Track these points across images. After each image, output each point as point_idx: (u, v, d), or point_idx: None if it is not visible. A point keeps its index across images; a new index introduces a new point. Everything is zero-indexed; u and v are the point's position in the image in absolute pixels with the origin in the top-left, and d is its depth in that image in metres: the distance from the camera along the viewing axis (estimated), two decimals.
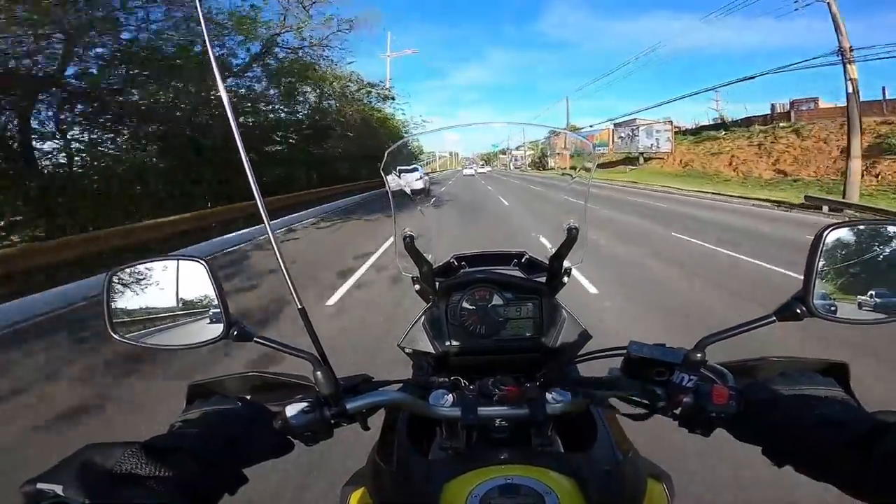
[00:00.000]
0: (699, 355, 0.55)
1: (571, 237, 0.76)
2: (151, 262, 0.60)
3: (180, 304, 0.58)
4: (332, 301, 4.85)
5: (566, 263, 0.83)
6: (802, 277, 0.53)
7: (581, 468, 0.56)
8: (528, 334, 0.85)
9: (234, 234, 9.98)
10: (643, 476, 0.65)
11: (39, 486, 0.36)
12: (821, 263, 0.52)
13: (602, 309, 4.29)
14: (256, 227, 9.39)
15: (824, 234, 0.52)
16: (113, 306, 0.58)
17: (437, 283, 0.85)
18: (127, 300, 0.59)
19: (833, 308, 0.53)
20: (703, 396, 0.53)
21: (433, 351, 0.84)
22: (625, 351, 0.60)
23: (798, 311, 0.53)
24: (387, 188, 0.82)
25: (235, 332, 0.57)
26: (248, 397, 0.62)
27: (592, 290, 4.83)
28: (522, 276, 0.89)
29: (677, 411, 0.55)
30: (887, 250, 0.53)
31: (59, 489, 0.36)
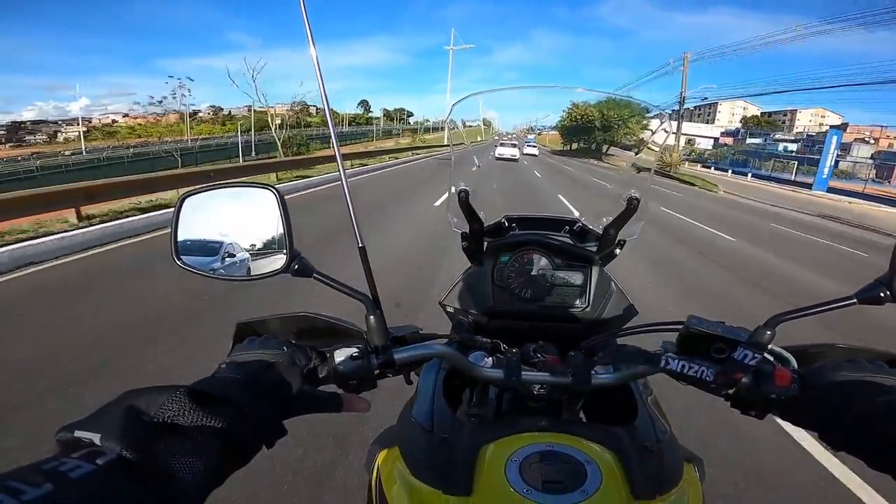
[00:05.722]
0: (768, 333, 0.51)
1: (631, 208, 0.73)
2: (222, 187, 0.60)
3: (246, 233, 0.59)
4: None
5: (620, 235, 0.80)
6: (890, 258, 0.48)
7: (622, 442, 0.55)
8: (573, 303, 0.83)
9: None
10: (680, 457, 0.64)
11: (77, 433, 0.34)
12: None
13: None
14: None
15: None
16: (181, 231, 0.59)
17: (486, 243, 0.85)
18: (195, 225, 0.60)
19: None
20: (763, 377, 0.51)
21: (475, 311, 0.84)
22: (681, 326, 0.57)
23: (881, 294, 0.49)
24: (449, 141, 0.81)
25: (296, 266, 0.56)
26: (296, 340, 0.60)
27: None
28: (573, 243, 0.86)
29: (731, 391, 0.53)
30: None
31: (96, 438, 0.33)
